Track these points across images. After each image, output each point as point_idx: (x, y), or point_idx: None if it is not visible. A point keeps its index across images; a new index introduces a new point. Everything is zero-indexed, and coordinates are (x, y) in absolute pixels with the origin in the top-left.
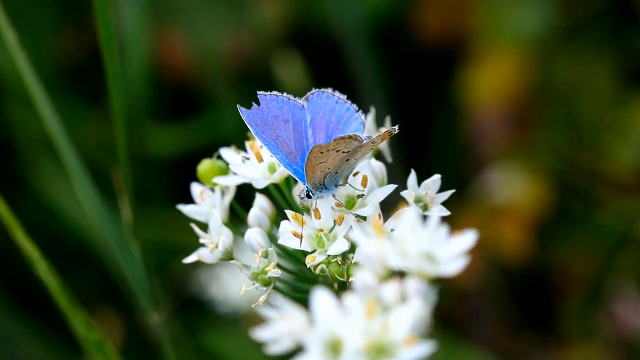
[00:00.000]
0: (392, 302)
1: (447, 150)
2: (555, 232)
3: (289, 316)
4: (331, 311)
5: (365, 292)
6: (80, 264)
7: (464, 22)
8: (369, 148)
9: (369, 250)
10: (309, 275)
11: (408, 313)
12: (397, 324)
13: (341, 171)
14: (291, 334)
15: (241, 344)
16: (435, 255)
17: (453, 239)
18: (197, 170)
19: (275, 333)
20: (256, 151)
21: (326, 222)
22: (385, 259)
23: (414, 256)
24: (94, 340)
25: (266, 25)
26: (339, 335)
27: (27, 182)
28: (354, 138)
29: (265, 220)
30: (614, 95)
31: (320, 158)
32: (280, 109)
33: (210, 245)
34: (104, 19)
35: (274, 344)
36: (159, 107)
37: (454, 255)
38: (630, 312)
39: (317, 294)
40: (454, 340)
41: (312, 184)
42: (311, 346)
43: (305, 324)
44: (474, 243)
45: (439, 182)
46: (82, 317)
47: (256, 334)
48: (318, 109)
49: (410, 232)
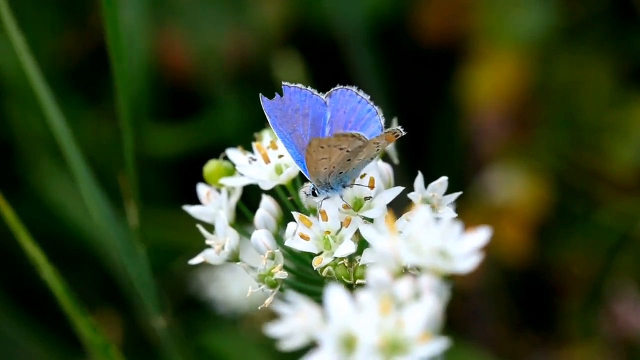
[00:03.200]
0: (405, 298)
1: (447, 150)
2: (555, 232)
3: (303, 312)
4: (345, 307)
5: (379, 288)
6: (80, 264)
7: (465, 22)
8: (374, 150)
9: (382, 247)
10: (315, 277)
11: (422, 310)
12: (411, 321)
13: (346, 172)
14: (305, 329)
15: (241, 344)
16: (448, 252)
17: (466, 235)
18: (204, 170)
19: (288, 329)
20: (263, 152)
21: (333, 224)
22: (399, 256)
23: (427, 253)
24: (99, 344)
25: (266, 25)
26: (353, 332)
27: (27, 182)
28: (357, 137)
29: (271, 222)
30: (614, 95)
31: (320, 153)
32: (302, 103)
33: (216, 247)
34: (112, 21)
35: (287, 339)
36: (159, 107)
37: (468, 252)
38: (630, 312)
39: (331, 290)
40: (454, 340)
41: (317, 182)
42: (325, 342)
43: (319, 320)
44: (486, 240)
45: (446, 184)
46: (88, 321)
47: (270, 330)
48: (339, 106)
49: (423, 229)
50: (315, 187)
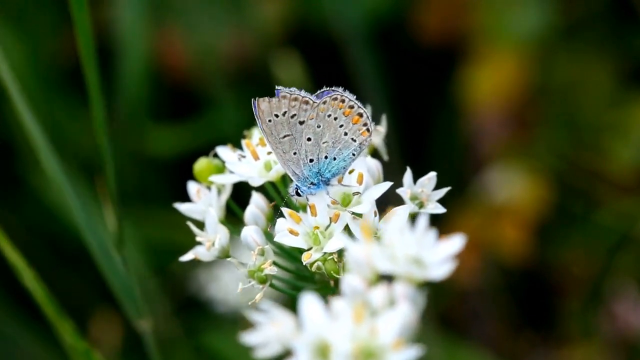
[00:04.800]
0: (380, 306)
1: (447, 150)
2: (555, 232)
3: (277, 321)
4: (319, 315)
5: (354, 296)
6: (79, 264)
7: (464, 22)
8: (341, 134)
9: (357, 254)
10: (305, 272)
11: (396, 317)
12: (385, 329)
13: (320, 160)
14: (279, 338)
15: (241, 344)
16: (423, 259)
17: (441, 242)
18: (194, 168)
19: (263, 337)
20: (252, 149)
21: (322, 219)
22: (374, 263)
23: (401, 260)
24: (81, 349)
25: (266, 25)
26: (327, 340)
27: (27, 182)
28: (301, 100)
29: (261, 218)
30: (614, 95)
31: (279, 127)
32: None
33: (206, 243)
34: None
35: (263, 347)
36: (159, 107)
37: (442, 259)
38: (630, 312)
39: (304, 298)
40: (454, 340)
41: (297, 177)
42: (299, 350)
43: (294, 329)
44: (462, 247)
45: (435, 180)
46: (69, 326)
47: (245, 338)
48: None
49: (398, 236)
50: (297, 186)
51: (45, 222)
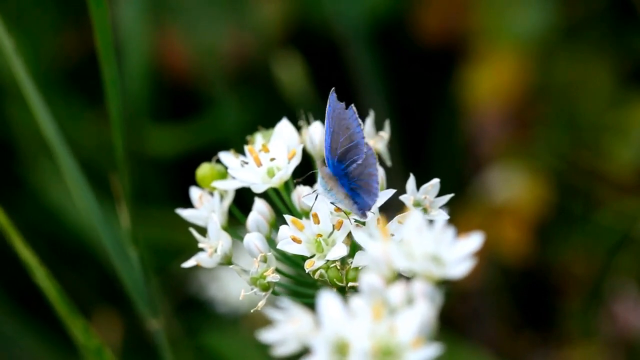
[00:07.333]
0: (398, 304)
1: (447, 150)
2: (555, 232)
3: (295, 318)
4: (338, 313)
5: (372, 294)
6: (79, 264)
7: (464, 22)
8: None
9: (375, 252)
10: (308, 280)
11: (415, 315)
12: (404, 327)
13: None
14: (297, 335)
15: (241, 344)
16: (441, 257)
17: (459, 241)
18: (196, 174)
19: (281, 335)
20: (255, 155)
21: (325, 227)
22: (392, 261)
23: (420, 258)
24: (92, 347)
25: (266, 25)
26: (346, 338)
27: (27, 182)
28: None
29: (264, 225)
30: (614, 95)
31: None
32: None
33: (209, 250)
34: (101, 25)
35: (281, 345)
36: (159, 107)
37: (461, 257)
38: (630, 312)
39: (323, 295)
40: (454, 340)
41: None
42: (318, 348)
43: (312, 326)
44: (480, 245)
45: (438, 187)
46: (81, 324)
47: (262, 336)
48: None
49: (416, 234)
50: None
51: (45, 222)
